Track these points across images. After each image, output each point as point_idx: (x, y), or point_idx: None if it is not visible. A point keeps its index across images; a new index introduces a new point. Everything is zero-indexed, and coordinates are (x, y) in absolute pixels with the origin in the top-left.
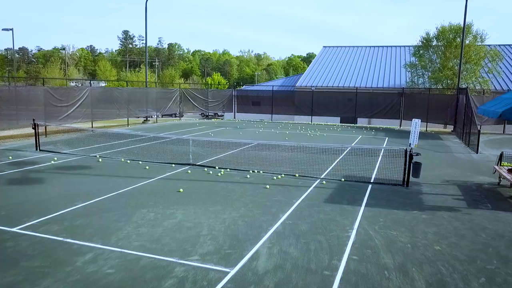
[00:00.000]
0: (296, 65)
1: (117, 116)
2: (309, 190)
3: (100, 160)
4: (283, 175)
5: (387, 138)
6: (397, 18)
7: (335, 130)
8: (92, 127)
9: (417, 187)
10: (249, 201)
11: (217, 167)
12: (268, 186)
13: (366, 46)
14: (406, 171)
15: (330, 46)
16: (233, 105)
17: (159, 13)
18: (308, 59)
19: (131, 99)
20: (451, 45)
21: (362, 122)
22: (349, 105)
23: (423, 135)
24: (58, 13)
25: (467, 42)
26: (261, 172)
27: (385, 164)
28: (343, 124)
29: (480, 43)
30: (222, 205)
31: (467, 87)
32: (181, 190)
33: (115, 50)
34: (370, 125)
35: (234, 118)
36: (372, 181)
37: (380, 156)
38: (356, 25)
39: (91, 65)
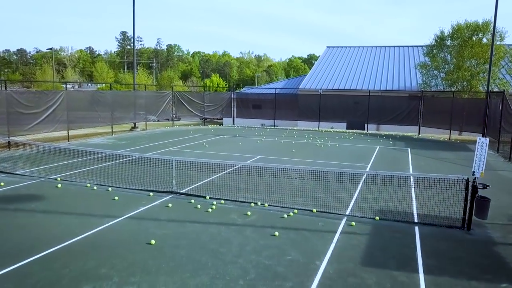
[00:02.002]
0: (297, 67)
1: (99, 123)
2: (335, 240)
3: (60, 185)
4: (295, 211)
5: (409, 149)
6: (398, 19)
7: (347, 138)
8: (68, 136)
9: (482, 231)
10: (251, 265)
11: (207, 197)
12: (277, 233)
13: (372, 46)
14: (468, 209)
15: (334, 46)
16: (232, 109)
17: (158, 15)
18: (309, 60)
19: (117, 104)
20: (467, 44)
21: (369, 128)
22: (361, 109)
23: (448, 145)
24: (57, 14)
25: (484, 40)
26: (266, 205)
27: (423, 191)
28: (351, 130)
29: (499, 42)
30: (210, 275)
31: (504, 90)
32: (153, 241)
33: (114, 52)
34: (384, 132)
35: (233, 123)
36: (416, 220)
37: (412, 180)
38: (357, 26)
39: (90, 66)
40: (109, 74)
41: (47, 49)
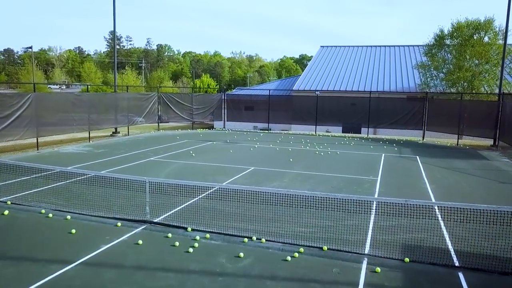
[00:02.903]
0: (288, 67)
1: (75, 130)
2: None
3: (7, 212)
4: (301, 250)
5: (417, 157)
6: (390, 20)
7: (347, 144)
8: (37, 144)
9: None
10: None
11: (189, 229)
12: None
13: (367, 46)
14: None
15: (328, 46)
16: (223, 111)
17: (149, 14)
18: (301, 60)
19: (95, 107)
20: (468, 43)
21: (366, 131)
22: (358, 111)
23: (458, 152)
24: (45, 14)
25: (486, 39)
26: (263, 240)
27: (453, 219)
28: (349, 134)
29: (502, 41)
30: None
31: None
32: None
33: (104, 52)
34: (386, 137)
35: (224, 127)
36: (457, 263)
37: (438, 210)
38: (349, 27)
39: (79, 67)
40: (97, 74)
41: (25, 48)
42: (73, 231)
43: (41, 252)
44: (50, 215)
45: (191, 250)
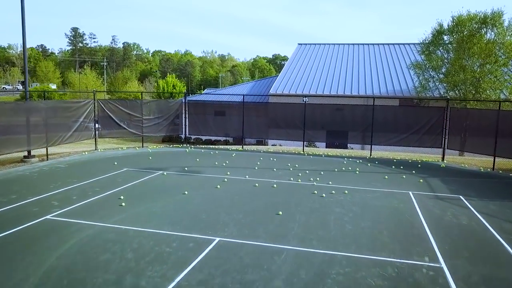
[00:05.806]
0: (262, 67)
1: None
2: None
3: None
4: None
5: (462, 198)
6: (361, 22)
7: (351, 171)
8: None
9: None
10: None
11: None
12: None
13: (350, 44)
14: None
15: (306, 44)
16: (182, 122)
17: (117, 12)
18: (274, 60)
19: None
20: (471, 41)
21: (354, 146)
22: (364, 124)
23: (507, 184)
24: (5, 10)
25: (492, 36)
26: None
27: None
28: (343, 152)
29: (509, 37)
30: None
31: None
32: None
33: (68, 50)
34: (394, 156)
35: (185, 143)
36: None
37: None
38: (322, 28)
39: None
40: (56, 74)
41: (6, 48)
42: None
43: None
44: None
45: None
